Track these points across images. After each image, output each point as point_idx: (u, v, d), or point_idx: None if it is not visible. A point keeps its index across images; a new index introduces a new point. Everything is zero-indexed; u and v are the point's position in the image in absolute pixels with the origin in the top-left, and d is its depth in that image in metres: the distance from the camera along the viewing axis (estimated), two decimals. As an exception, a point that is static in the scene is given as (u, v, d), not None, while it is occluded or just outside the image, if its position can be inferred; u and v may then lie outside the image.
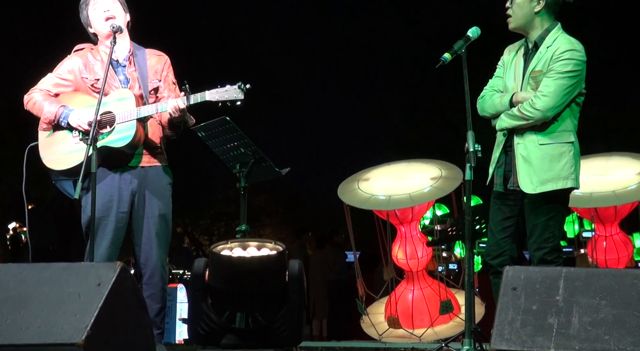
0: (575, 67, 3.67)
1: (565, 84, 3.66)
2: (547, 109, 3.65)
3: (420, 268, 6.99)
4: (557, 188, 3.66)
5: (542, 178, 3.67)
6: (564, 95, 3.66)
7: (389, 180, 7.08)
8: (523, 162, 3.73)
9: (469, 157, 3.56)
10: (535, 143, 3.72)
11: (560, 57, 3.68)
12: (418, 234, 7.07)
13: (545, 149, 3.70)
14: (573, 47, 3.69)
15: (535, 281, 2.68)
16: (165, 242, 4.04)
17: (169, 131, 4.14)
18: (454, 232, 6.41)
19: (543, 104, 3.65)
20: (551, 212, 3.69)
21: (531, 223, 3.73)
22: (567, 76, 3.66)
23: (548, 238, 3.69)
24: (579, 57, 3.69)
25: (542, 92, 3.67)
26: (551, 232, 3.69)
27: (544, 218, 3.69)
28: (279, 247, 3.55)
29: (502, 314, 2.65)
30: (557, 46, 3.71)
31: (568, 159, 3.69)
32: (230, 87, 3.84)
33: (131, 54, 4.12)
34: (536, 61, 3.77)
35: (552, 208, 3.70)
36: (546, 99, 3.65)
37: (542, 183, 3.67)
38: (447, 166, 7.13)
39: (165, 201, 4.05)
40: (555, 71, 3.67)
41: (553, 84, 3.66)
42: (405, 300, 6.89)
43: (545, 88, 3.68)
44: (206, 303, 3.52)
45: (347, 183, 7.19)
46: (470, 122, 3.63)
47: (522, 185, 3.71)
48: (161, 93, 4.14)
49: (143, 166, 4.02)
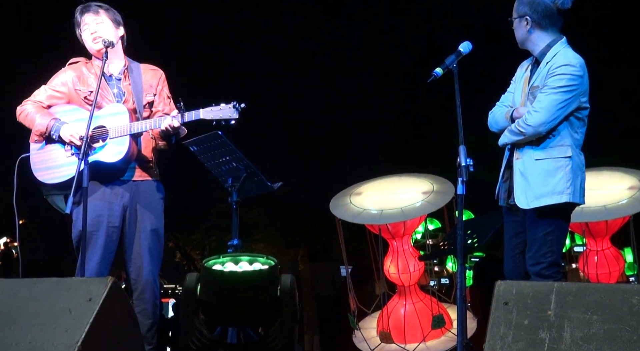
0: (569, 82, 3.67)
1: (558, 99, 3.67)
2: (539, 124, 3.66)
3: (412, 283, 6.97)
4: (552, 202, 3.65)
5: (537, 193, 3.68)
6: (557, 110, 3.66)
7: (381, 194, 7.08)
8: (520, 177, 3.75)
9: (461, 171, 3.56)
10: (531, 158, 3.74)
11: (555, 72, 3.69)
12: (410, 248, 7.05)
13: (541, 165, 3.71)
14: (567, 62, 3.69)
15: (527, 296, 2.68)
16: (158, 257, 4.03)
17: (161, 143, 4.15)
18: (446, 246, 6.39)
19: (534, 120, 3.67)
20: (549, 227, 3.68)
21: (530, 237, 3.74)
22: (560, 91, 3.67)
23: (546, 253, 3.67)
24: (572, 72, 3.68)
25: (535, 107, 3.69)
26: (549, 247, 3.67)
27: (542, 233, 3.68)
28: (271, 261, 3.55)
29: (494, 329, 2.64)
30: (553, 62, 3.73)
31: (564, 174, 3.67)
32: (225, 106, 3.83)
33: (126, 68, 4.13)
34: (536, 77, 3.80)
35: (550, 222, 3.69)
36: (537, 114, 3.67)
37: (537, 198, 3.68)
38: (439, 180, 7.13)
39: (157, 215, 4.04)
40: (549, 87, 3.69)
41: (545, 100, 3.68)
42: (398, 315, 6.87)
43: (537, 104, 3.70)
44: (198, 318, 3.50)
45: (339, 197, 7.18)
46: (462, 137, 3.64)
47: (517, 200, 3.73)
48: (156, 107, 4.15)
49: (135, 180, 4.02)
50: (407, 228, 6.93)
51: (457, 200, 3.78)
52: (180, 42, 16.85)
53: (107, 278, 2.90)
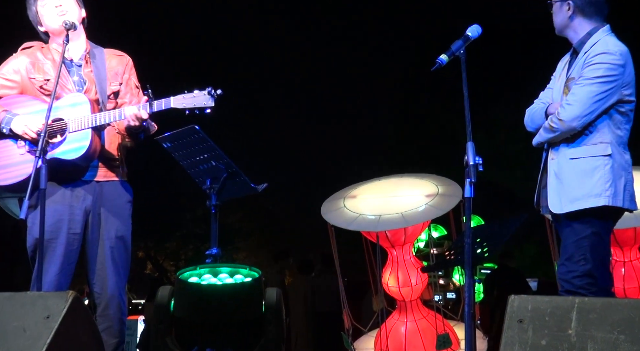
0: (607, 72, 3.67)
1: (595, 90, 3.67)
2: (572, 118, 3.67)
3: (414, 297, 6.97)
4: (588, 206, 3.65)
5: (572, 196, 3.69)
6: (594, 103, 3.67)
7: (379, 197, 7.07)
8: (554, 179, 3.77)
9: (469, 171, 3.52)
10: (566, 158, 3.76)
11: (591, 61, 3.71)
12: (412, 258, 7.05)
13: (577, 164, 3.72)
14: (606, 50, 3.70)
15: (545, 313, 2.67)
16: (124, 268, 4.01)
17: (128, 140, 4.12)
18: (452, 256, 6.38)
19: (567, 114, 3.68)
20: (584, 231, 3.67)
21: (563, 243, 3.73)
22: (597, 82, 3.67)
23: (579, 260, 3.66)
24: (611, 61, 3.68)
25: (568, 100, 3.71)
26: (582, 254, 3.66)
27: (576, 238, 3.68)
28: (255, 273, 3.54)
29: (507, 350, 2.63)
30: (591, 51, 3.74)
31: (602, 174, 3.67)
32: (199, 93, 3.83)
33: (87, 53, 4.10)
34: (573, 68, 3.82)
35: (585, 226, 3.68)
36: (571, 108, 3.68)
37: (572, 201, 3.69)
38: (444, 181, 7.14)
39: (124, 220, 4.03)
40: (584, 78, 3.70)
41: (579, 92, 3.69)
42: (398, 334, 6.86)
43: (571, 96, 3.71)
44: (171, 338, 3.48)
45: (331, 201, 7.17)
46: (470, 133, 3.61)
47: (551, 204, 3.74)
48: (122, 98, 4.13)
49: (99, 180, 4.00)
50: (409, 236, 6.92)
51: (464, 204, 3.77)
52: (156, 26, 16.83)
53: (67, 292, 2.89)
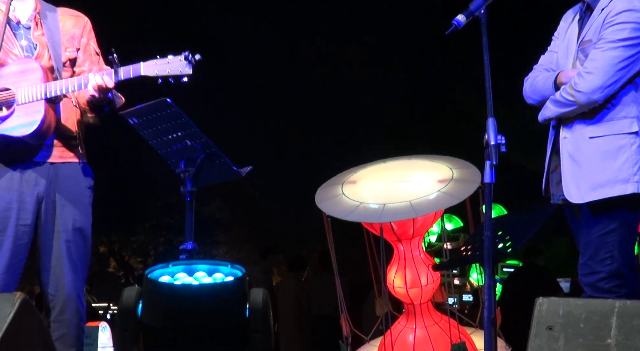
0: (632, 33, 3.65)
1: (619, 56, 3.65)
2: (593, 90, 3.65)
3: (424, 300, 6.98)
4: (614, 194, 3.64)
5: (593, 182, 3.67)
6: (618, 71, 3.65)
7: (384, 183, 7.06)
8: (570, 162, 3.73)
9: (490, 153, 3.51)
10: (584, 137, 3.73)
11: (613, 21, 3.67)
12: (421, 254, 7.05)
13: (597, 144, 3.70)
14: (631, 7, 3.66)
15: (579, 319, 2.67)
16: (83, 265, 4.03)
17: (89, 116, 4.14)
18: (469, 252, 6.39)
19: (587, 85, 3.66)
20: (610, 224, 3.67)
21: (584, 239, 3.72)
22: (621, 45, 3.65)
23: (604, 259, 3.67)
24: (638, 19, 3.65)
25: (587, 68, 3.68)
26: (609, 251, 3.66)
27: (599, 233, 3.67)
28: (237, 272, 3.56)
29: (535, 362, 2.64)
30: (611, 7, 3.70)
31: (629, 155, 3.65)
32: (174, 58, 3.85)
33: (37, 13, 4.10)
34: (587, 29, 3.78)
35: (610, 218, 3.67)
36: (591, 77, 3.66)
37: (593, 189, 3.66)
38: (460, 164, 7.12)
39: (83, 209, 4.04)
40: (605, 40, 3.67)
41: (601, 57, 3.66)
42: (405, 343, 6.88)
43: (590, 63, 3.68)
44: (139, 347, 3.50)
45: (328, 187, 7.16)
46: (491, 108, 3.60)
47: (567, 193, 3.71)
48: (80, 66, 4.15)
49: (53, 162, 4.01)
50: (418, 228, 6.92)
51: (484, 190, 3.76)
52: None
53: (14, 294, 2.90)
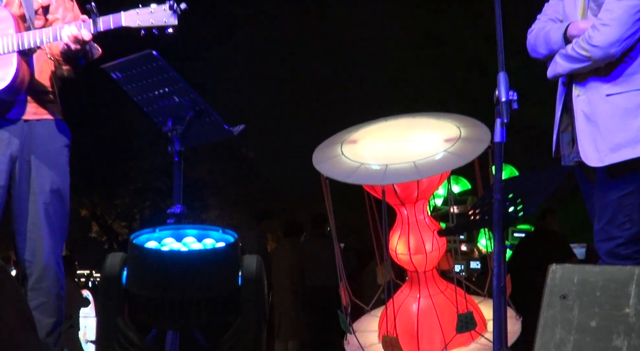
0: None
1: (637, 4, 3.65)
2: (610, 43, 3.65)
3: (429, 268, 7.00)
4: (636, 155, 3.65)
5: (613, 143, 3.68)
6: (637, 21, 3.65)
7: (386, 143, 7.06)
8: (585, 122, 3.73)
9: (500, 109, 3.51)
10: (600, 94, 3.73)
11: None
12: (426, 219, 7.07)
13: (615, 102, 3.70)
14: None
15: (595, 287, 2.68)
16: (61, 229, 4.05)
17: (63, 68, 4.12)
18: (477, 216, 6.40)
19: (604, 38, 3.65)
20: (628, 186, 3.69)
21: (600, 202, 3.74)
22: None
23: (623, 223, 3.70)
24: None
25: (602, 20, 3.67)
26: (627, 215, 3.69)
27: (617, 195, 3.70)
28: (229, 237, 3.57)
29: (547, 333, 2.65)
30: None
31: None
32: (158, 7, 3.85)
33: (6, -47, 4.08)
34: None
35: (629, 180, 3.69)
36: (608, 29, 3.65)
37: (613, 150, 3.67)
38: (468, 122, 7.11)
39: (60, 170, 4.05)
40: None
41: (618, 7, 3.66)
42: (408, 313, 6.91)
43: (606, 14, 3.67)
44: (123, 318, 3.51)
45: (326, 147, 7.15)
46: (502, 60, 3.59)
47: (584, 155, 3.72)
48: (53, 14, 4.15)
49: (27, 119, 4.02)
50: (423, 191, 6.93)
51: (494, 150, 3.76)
52: None
53: (-11, 261, 2.90)
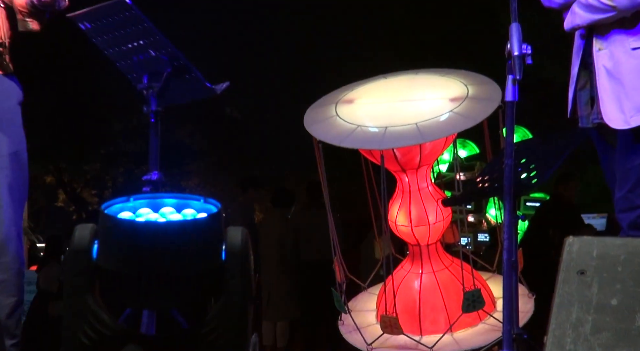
0: None
1: None
2: None
3: (432, 241, 7.02)
4: None
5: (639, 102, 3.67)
6: None
7: (386, 102, 7.04)
8: (608, 79, 3.73)
9: (512, 65, 3.50)
10: (625, 48, 3.73)
11: None
12: (429, 187, 7.07)
13: None
14: None
15: (617, 261, 2.68)
16: (20, 198, 4.07)
17: (27, 20, 4.09)
18: (486, 184, 6.41)
19: None
20: None
21: (621, 168, 3.74)
22: None
23: None
24: None
25: None
26: None
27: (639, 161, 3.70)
28: (212, 207, 3.57)
29: (562, 312, 2.66)
30: None
31: None
32: None
33: None
34: None
35: None
36: None
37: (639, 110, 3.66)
38: (476, 79, 7.09)
39: (15, 130, 4.08)
40: None
41: None
42: (409, 290, 6.93)
43: None
44: (94, 296, 3.51)
45: (320, 107, 7.13)
46: (515, 9, 3.57)
47: (606, 116, 3.72)
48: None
49: (-23, 75, 4.01)
50: (426, 156, 6.92)
51: (505, 110, 3.75)
52: None
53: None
